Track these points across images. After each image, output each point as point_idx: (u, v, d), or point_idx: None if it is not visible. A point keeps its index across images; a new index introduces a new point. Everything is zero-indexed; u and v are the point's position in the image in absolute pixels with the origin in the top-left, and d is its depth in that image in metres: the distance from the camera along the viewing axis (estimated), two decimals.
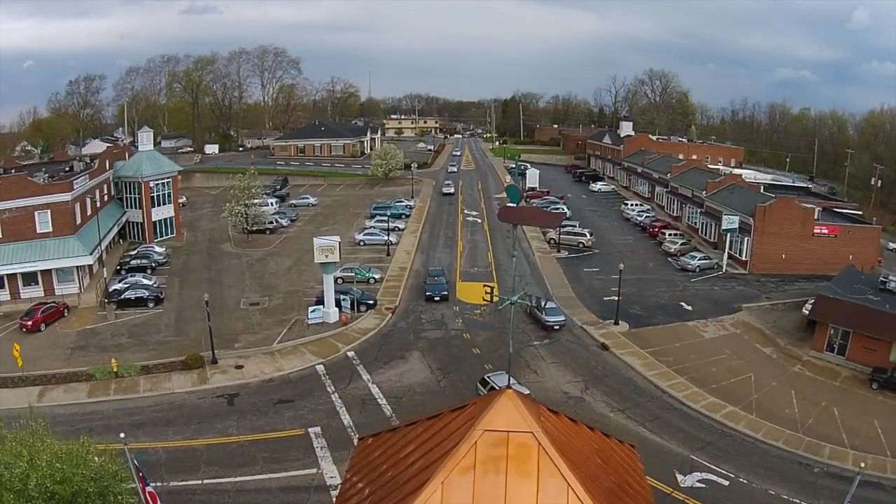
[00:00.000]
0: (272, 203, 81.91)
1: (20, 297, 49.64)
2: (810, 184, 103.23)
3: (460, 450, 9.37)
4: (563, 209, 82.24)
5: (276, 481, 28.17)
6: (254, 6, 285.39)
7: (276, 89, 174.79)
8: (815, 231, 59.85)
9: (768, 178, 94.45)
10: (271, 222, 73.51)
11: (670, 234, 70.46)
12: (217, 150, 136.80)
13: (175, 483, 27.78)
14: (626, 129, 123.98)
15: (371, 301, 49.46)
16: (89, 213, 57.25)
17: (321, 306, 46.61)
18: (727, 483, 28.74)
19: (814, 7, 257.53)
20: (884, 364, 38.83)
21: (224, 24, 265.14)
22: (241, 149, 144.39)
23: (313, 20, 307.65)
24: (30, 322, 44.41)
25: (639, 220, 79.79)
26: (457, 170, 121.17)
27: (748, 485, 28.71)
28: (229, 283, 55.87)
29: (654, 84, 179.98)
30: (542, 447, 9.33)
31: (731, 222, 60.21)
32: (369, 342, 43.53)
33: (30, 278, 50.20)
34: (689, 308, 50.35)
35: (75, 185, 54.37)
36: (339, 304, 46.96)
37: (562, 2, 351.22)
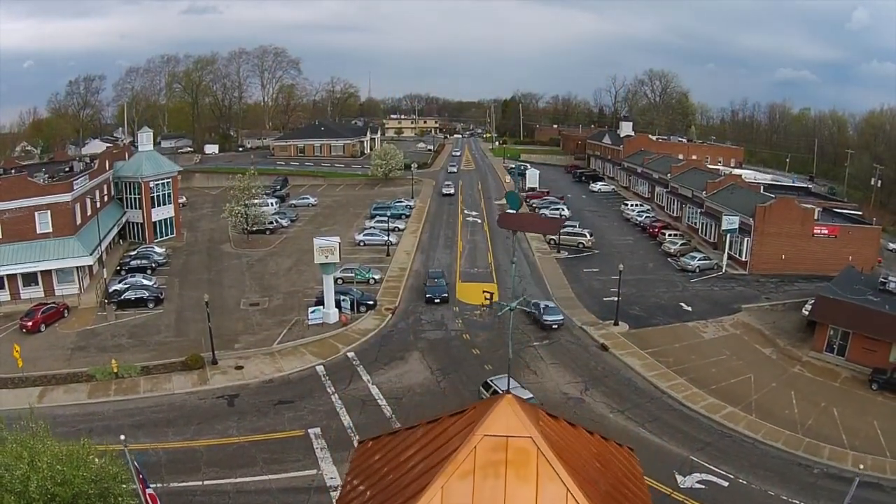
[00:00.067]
0: (272, 203, 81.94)
1: (20, 298, 49.68)
2: (810, 184, 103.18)
3: (460, 454, 9.41)
4: (562, 209, 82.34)
5: (277, 482, 28.21)
6: (254, 6, 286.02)
7: (276, 89, 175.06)
8: (815, 231, 59.89)
9: (768, 179, 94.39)
10: (271, 223, 73.53)
11: (670, 235, 70.48)
12: (217, 151, 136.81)
13: (175, 484, 27.82)
14: (626, 129, 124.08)
15: (371, 302, 49.49)
16: (89, 213, 57.31)
17: (321, 307, 46.64)
18: (727, 484, 28.78)
19: (814, 7, 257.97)
20: (883, 365, 38.86)
21: (224, 24, 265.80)
22: (241, 149, 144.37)
23: (313, 20, 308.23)
24: (30, 322, 44.45)
25: (639, 220, 79.80)
26: (456, 170, 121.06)
27: (748, 486, 28.74)
28: (229, 284, 55.92)
29: (653, 84, 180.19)
30: (540, 452, 9.37)
31: (730, 223, 60.26)
32: (369, 343, 43.57)
33: (30, 279, 50.25)
34: (689, 309, 50.39)
35: (75, 186, 54.40)
36: (339, 304, 46.98)
37: (562, 2, 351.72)
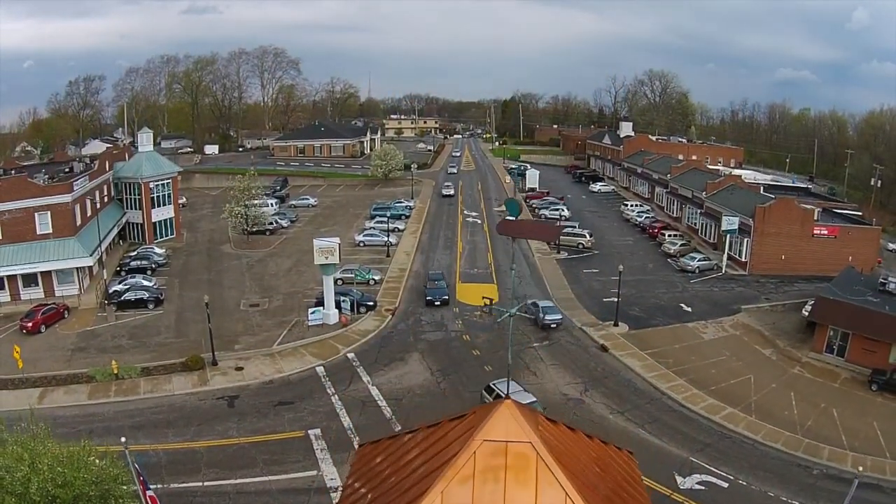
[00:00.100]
0: (272, 204, 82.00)
1: (20, 299, 49.73)
2: (810, 184, 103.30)
3: (459, 459, 9.45)
4: (562, 210, 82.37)
5: (277, 483, 28.23)
6: (254, 6, 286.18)
7: (276, 90, 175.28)
8: (815, 232, 59.92)
9: (768, 179, 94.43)
10: (271, 223, 73.54)
11: (670, 235, 70.49)
12: (217, 151, 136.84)
13: (175, 485, 27.83)
14: (626, 129, 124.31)
15: (371, 303, 49.50)
16: (89, 214, 57.35)
17: (321, 308, 46.65)
18: (726, 485, 28.80)
19: (814, 7, 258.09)
20: (883, 366, 38.89)
21: (224, 24, 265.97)
22: (241, 149, 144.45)
23: (313, 20, 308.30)
24: (30, 323, 44.45)
25: (638, 220, 79.81)
26: (456, 171, 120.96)
27: (747, 487, 28.76)
28: (229, 285, 55.94)
29: (653, 84, 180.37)
30: (540, 457, 9.41)
31: (730, 223, 60.30)
32: (369, 344, 43.58)
33: (30, 280, 50.30)
34: (689, 309, 50.42)
35: (75, 187, 54.41)
36: (338, 305, 46.98)
37: (562, 2, 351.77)
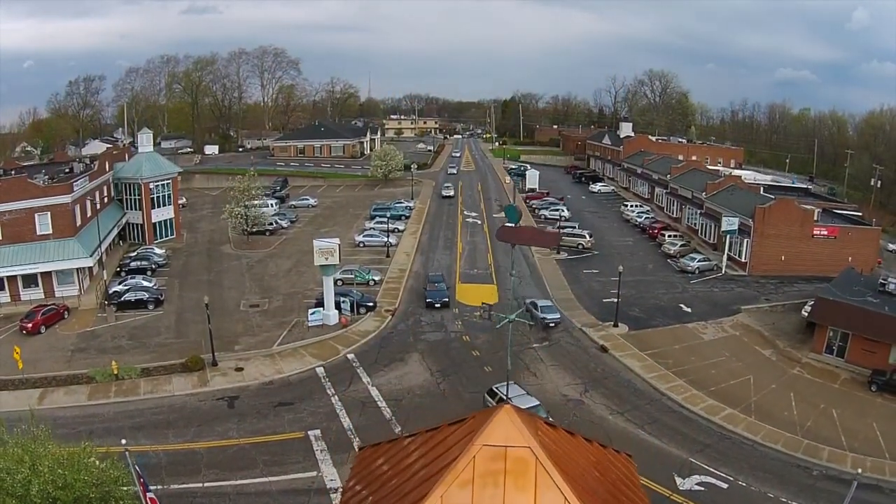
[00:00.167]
0: (272, 204, 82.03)
1: (20, 299, 49.75)
2: (810, 184, 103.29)
3: (459, 464, 9.47)
4: (562, 210, 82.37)
5: (277, 484, 28.24)
6: (254, 6, 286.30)
7: (276, 90, 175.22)
8: (815, 232, 59.92)
9: (768, 179, 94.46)
10: (271, 224, 73.56)
11: (670, 236, 70.50)
12: (217, 151, 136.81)
13: (175, 486, 27.84)
14: (626, 129, 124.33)
15: (371, 303, 49.50)
16: (89, 214, 57.37)
17: (321, 308, 46.67)
18: (726, 486, 28.81)
19: (814, 7, 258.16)
20: (883, 366, 38.90)
21: (224, 24, 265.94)
22: (241, 150, 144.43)
23: (313, 20, 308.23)
24: (30, 324, 44.47)
25: (638, 221, 79.82)
26: (456, 171, 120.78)
27: (747, 488, 28.77)
28: (229, 285, 55.96)
29: (653, 84, 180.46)
30: (539, 461, 9.43)
31: (730, 224, 60.32)
32: (369, 344, 43.57)
33: (30, 280, 50.32)
34: (689, 310, 50.44)
35: (75, 187, 54.43)
36: (338, 306, 46.99)
37: (562, 2, 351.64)
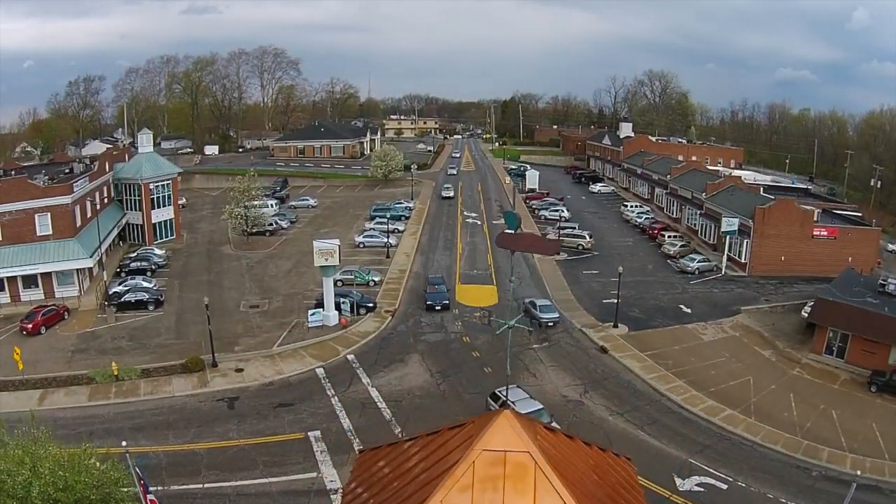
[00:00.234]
0: (272, 205, 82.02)
1: (20, 300, 49.77)
2: (810, 185, 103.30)
3: (459, 469, 9.50)
4: (562, 211, 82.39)
5: (277, 485, 28.27)
6: (254, 6, 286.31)
7: (276, 90, 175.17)
8: (815, 233, 59.93)
9: (768, 180, 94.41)
10: (271, 224, 73.59)
11: (670, 236, 70.50)
12: (217, 152, 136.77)
13: (176, 487, 27.87)
14: (626, 130, 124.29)
15: (371, 304, 49.51)
16: (89, 215, 57.39)
17: (321, 309, 46.68)
18: (725, 487, 28.84)
19: (814, 7, 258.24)
20: (883, 367, 38.92)
21: (224, 24, 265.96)
22: (241, 150, 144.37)
23: (313, 20, 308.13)
24: (30, 325, 44.51)
25: (638, 221, 79.83)
26: (456, 172, 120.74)
27: (746, 488, 28.80)
28: (229, 286, 55.97)
29: (653, 85, 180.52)
30: (538, 466, 9.46)
31: (730, 224, 60.35)
32: (369, 345, 43.60)
33: (30, 281, 50.34)
34: (689, 311, 50.46)
35: (75, 188, 54.43)
36: (338, 307, 47.02)
37: (562, 2, 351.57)
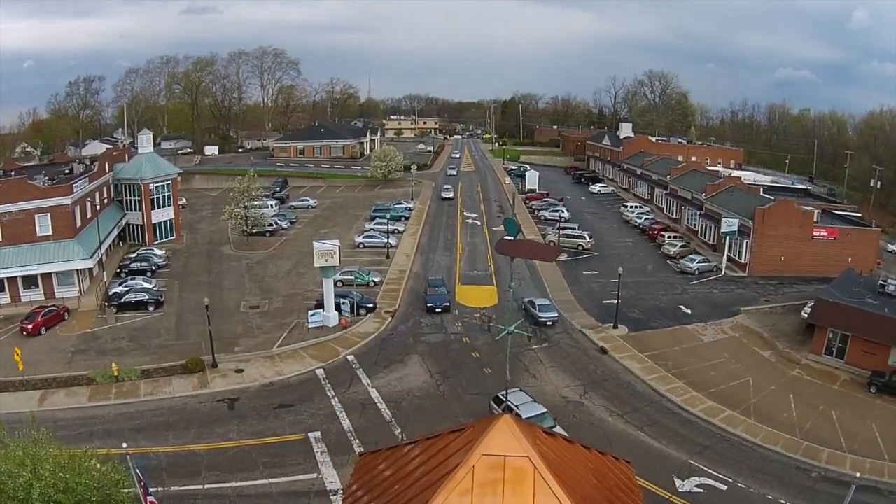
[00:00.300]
0: (272, 205, 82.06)
1: (20, 301, 49.80)
2: (810, 185, 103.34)
3: (459, 473, 9.53)
4: (562, 211, 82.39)
5: (277, 486, 28.29)
6: (254, 6, 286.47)
7: (276, 90, 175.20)
8: (815, 233, 59.97)
9: (767, 180, 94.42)
10: (271, 224, 73.61)
11: (669, 237, 70.49)
12: (217, 152, 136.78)
13: (176, 488, 27.88)
14: (626, 130, 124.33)
15: (371, 305, 49.52)
16: (89, 215, 57.41)
17: (321, 310, 46.70)
18: (725, 488, 28.85)
19: (814, 7, 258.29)
20: (882, 368, 38.95)
21: (224, 24, 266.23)
22: (241, 150, 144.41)
23: (313, 20, 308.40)
24: (30, 326, 44.54)
25: (638, 222, 79.84)
26: (456, 173, 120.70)
27: (746, 489, 28.82)
28: (229, 286, 55.99)
29: (653, 85, 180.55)
30: (537, 471, 9.49)
31: (730, 225, 60.37)
32: (369, 346, 43.62)
33: (30, 282, 50.38)
34: (689, 311, 50.48)
35: (75, 188, 54.45)
36: (338, 307, 47.03)
37: (562, 2, 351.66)
